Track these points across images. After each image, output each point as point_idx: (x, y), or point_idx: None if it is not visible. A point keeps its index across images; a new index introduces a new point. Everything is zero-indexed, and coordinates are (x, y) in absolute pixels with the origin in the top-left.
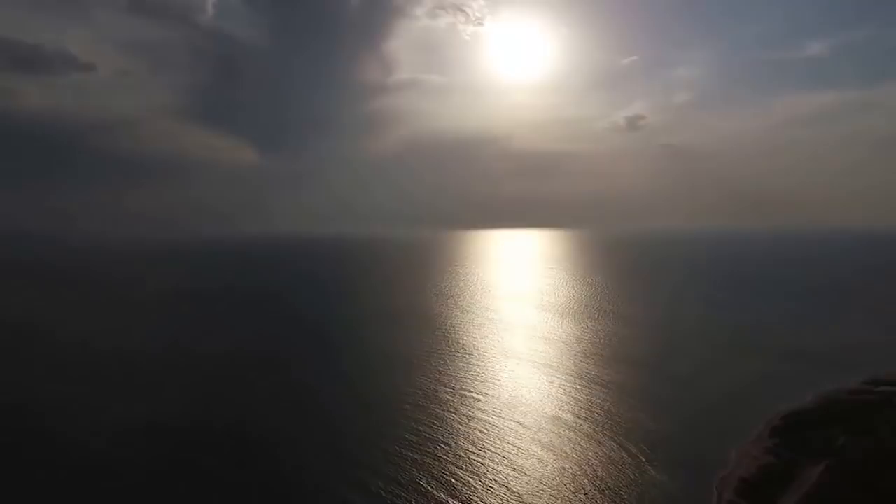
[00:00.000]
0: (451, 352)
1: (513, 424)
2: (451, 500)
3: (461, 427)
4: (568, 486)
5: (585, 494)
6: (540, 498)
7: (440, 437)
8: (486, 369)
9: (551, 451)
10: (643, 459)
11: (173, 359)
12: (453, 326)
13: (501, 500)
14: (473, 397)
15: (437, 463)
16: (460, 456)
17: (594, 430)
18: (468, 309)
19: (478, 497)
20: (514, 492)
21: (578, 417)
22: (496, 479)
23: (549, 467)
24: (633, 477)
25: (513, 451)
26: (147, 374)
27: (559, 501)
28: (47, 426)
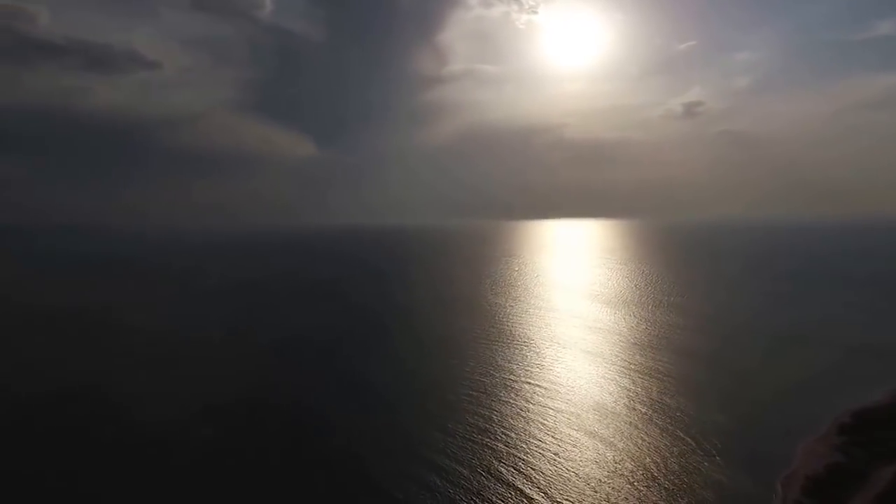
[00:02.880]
0: (506, 340)
1: (570, 412)
2: (518, 485)
3: (522, 414)
4: (626, 476)
5: (643, 485)
6: (601, 486)
7: (502, 422)
8: (542, 358)
9: (609, 440)
10: (702, 453)
11: (235, 343)
12: (508, 315)
13: (565, 485)
14: (531, 385)
15: (501, 448)
16: (523, 442)
17: (651, 420)
18: (523, 298)
19: (545, 483)
20: (574, 479)
21: (635, 408)
22: (561, 465)
23: (608, 457)
24: (691, 470)
25: (570, 439)
26: (210, 358)
27: (618, 491)
28: (118, 406)
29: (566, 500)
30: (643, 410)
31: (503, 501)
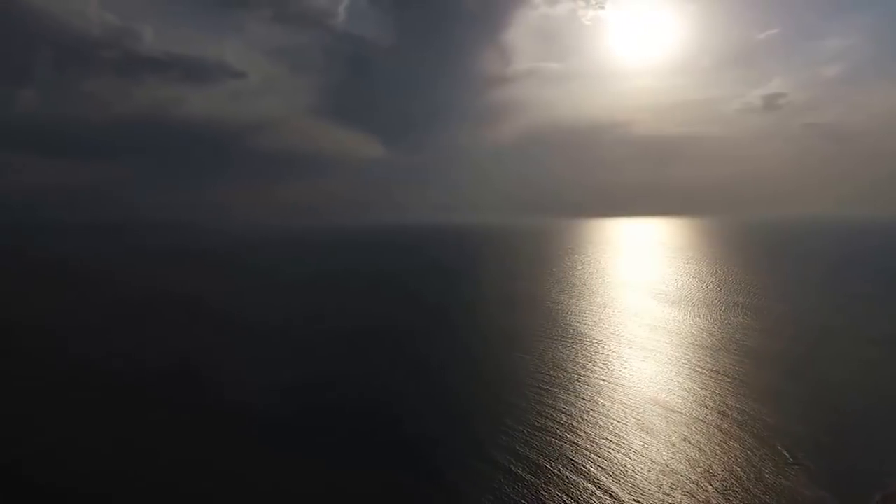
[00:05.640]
0: (572, 337)
1: (638, 413)
2: (589, 483)
3: (589, 411)
4: (699, 483)
5: (719, 494)
6: (673, 491)
7: (569, 417)
8: (609, 356)
9: (679, 445)
10: (782, 464)
11: (311, 331)
12: (574, 313)
13: (637, 487)
14: (598, 382)
15: (569, 443)
16: (593, 439)
17: (724, 427)
18: (589, 296)
19: (616, 483)
20: (646, 484)
21: (706, 412)
22: (631, 466)
23: (678, 461)
24: (771, 482)
25: (640, 440)
26: (289, 344)
27: (692, 497)
28: (208, 382)
29: (636, 501)
30: (715, 416)
31: (573, 497)
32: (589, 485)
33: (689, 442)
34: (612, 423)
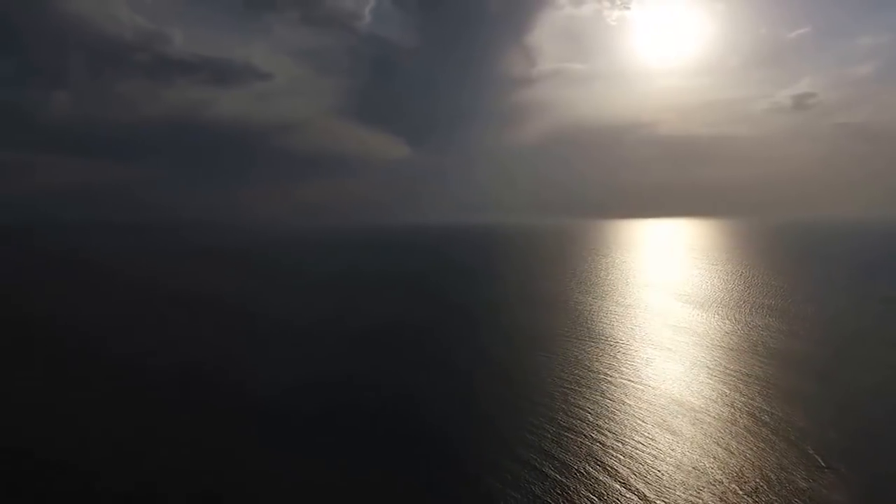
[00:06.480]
0: (595, 338)
1: (664, 415)
2: (615, 483)
3: (614, 411)
4: (727, 486)
5: (751, 497)
6: (699, 493)
7: (594, 417)
8: (633, 357)
9: (707, 446)
10: (815, 469)
11: (334, 329)
12: (598, 313)
13: (662, 488)
14: (622, 382)
15: (594, 442)
16: (618, 439)
17: (753, 430)
18: (613, 297)
19: (643, 484)
20: (673, 485)
21: (734, 415)
22: (657, 467)
23: (706, 464)
24: (802, 487)
25: (665, 442)
26: (312, 341)
27: (724, 501)
28: (228, 379)
29: (665, 502)
30: (745, 418)
31: (602, 498)
32: (617, 485)
33: (718, 444)
34: (639, 424)
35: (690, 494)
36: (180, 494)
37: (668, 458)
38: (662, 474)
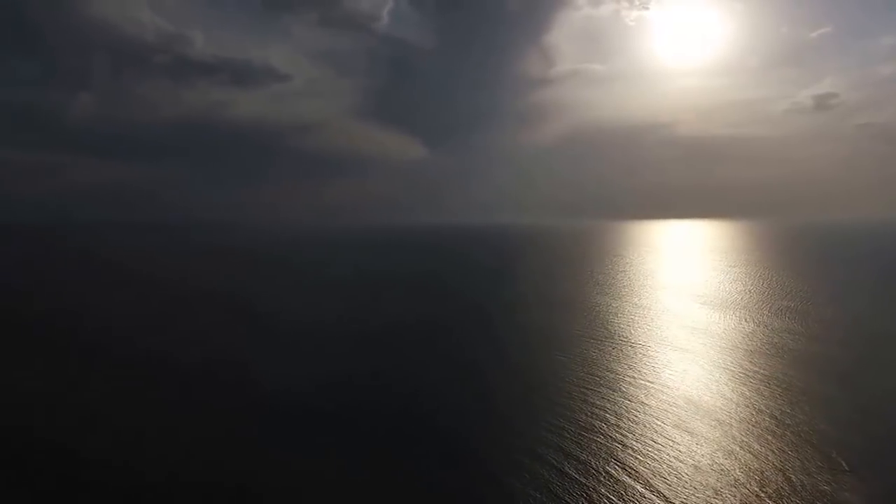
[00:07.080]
0: (613, 339)
1: (683, 416)
2: (637, 484)
3: (632, 412)
4: (749, 489)
5: (774, 500)
6: (720, 495)
7: (613, 418)
8: (651, 359)
9: (729, 448)
10: (837, 473)
11: (350, 328)
12: (615, 315)
13: (683, 490)
14: (640, 383)
15: (613, 443)
16: (637, 440)
17: (774, 433)
18: (631, 299)
19: (663, 485)
20: (694, 487)
21: (755, 417)
22: (677, 469)
23: (726, 466)
24: (828, 490)
25: (686, 443)
26: (327, 340)
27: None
28: (246, 378)
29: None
30: (767, 420)
31: (624, 499)
32: (638, 486)
33: (740, 446)
34: (659, 425)
35: (712, 496)
36: (186, 490)
37: (689, 460)
38: (683, 475)
